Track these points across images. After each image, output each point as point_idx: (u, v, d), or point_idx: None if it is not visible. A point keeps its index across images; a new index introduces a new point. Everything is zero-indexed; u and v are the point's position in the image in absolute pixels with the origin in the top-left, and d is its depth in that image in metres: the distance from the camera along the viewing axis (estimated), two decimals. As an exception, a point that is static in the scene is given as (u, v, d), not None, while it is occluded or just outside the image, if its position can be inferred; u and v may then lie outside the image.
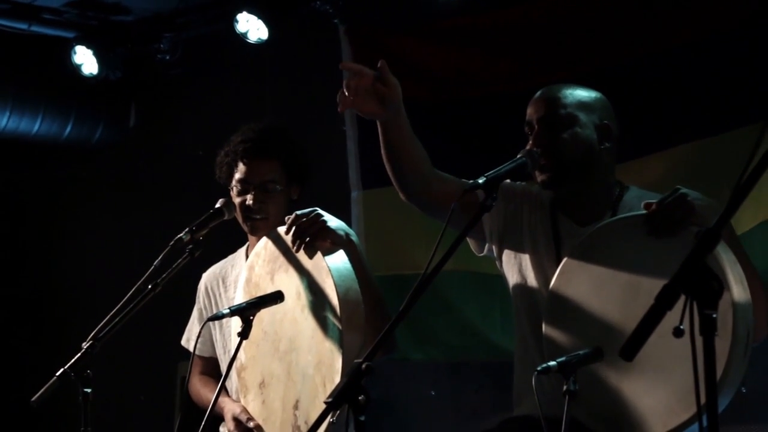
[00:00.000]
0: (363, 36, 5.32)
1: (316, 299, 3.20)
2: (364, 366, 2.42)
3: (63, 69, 6.01)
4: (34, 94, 6.17)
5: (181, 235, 3.33)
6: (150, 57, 6.12)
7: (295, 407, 3.22)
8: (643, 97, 4.43)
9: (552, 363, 2.69)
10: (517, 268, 3.20)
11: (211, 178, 3.72)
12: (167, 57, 6.07)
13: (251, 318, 3.11)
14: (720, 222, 1.96)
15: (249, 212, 3.58)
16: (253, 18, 5.50)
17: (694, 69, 4.34)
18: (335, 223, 3.29)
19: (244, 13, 5.49)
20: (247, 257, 3.68)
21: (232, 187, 3.63)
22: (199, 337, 3.55)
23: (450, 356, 5.14)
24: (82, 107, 6.36)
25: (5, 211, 6.97)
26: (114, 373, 5.20)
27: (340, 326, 3.11)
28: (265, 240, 3.43)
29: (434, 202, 3.14)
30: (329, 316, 3.14)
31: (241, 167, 3.61)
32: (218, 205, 3.51)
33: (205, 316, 3.78)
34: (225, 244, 3.83)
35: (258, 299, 3.18)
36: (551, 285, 3.00)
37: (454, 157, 4.23)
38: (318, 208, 3.30)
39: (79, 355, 3.08)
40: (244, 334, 3.10)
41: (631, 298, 2.80)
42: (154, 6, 5.90)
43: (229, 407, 3.50)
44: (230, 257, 3.85)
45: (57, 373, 3.05)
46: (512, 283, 3.23)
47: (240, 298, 3.41)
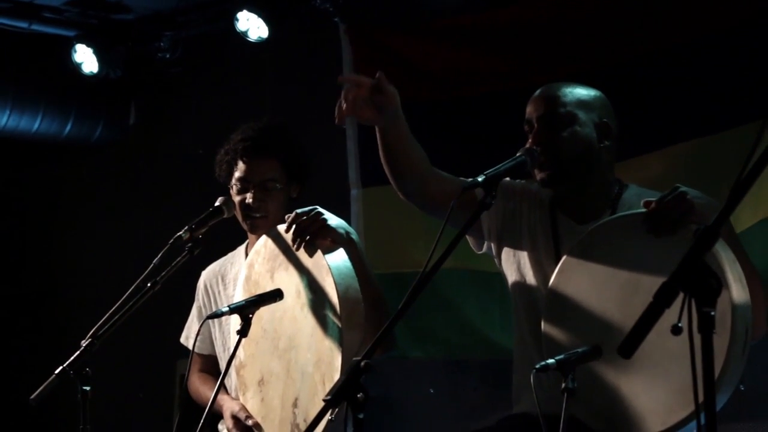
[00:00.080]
0: (363, 35, 5.32)
1: (315, 297, 3.20)
2: (362, 364, 2.42)
3: (63, 67, 6.01)
4: (35, 93, 6.17)
5: (181, 233, 3.34)
6: (150, 56, 6.12)
7: (294, 405, 3.22)
8: (643, 96, 4.43)
9: (551, 361, 2.68)
10: (516, 266, 3.20)
11: (210, 176, 3.72)
12: (167, 56, 6.07)
13: (250, 316, 3.11)
14: (719, 220, 1.96)
15: (249, 211, 3.58)
16: (254, 17, 5.50)
17: (693, 67, 4.34)
18: (335, 222, 3.29)
19: (245, 11, 5.49)
20: (246, 255, 3.68)
21: (232, 186, 3.63)
22: (198, 335, 3.55)
23: (449, 354, 5.14)
24: (82, 106, 6.36)
25: (5, 209, 6.96)
26: (113, 371, 5.20)
27: (340, 324, 3.11)
28: (265, 238, 3.42)
29: (433, 200, 3.14)
30: (329, 314, 3.14)
31: (241, 166, 3.61)
32: (217, 204, 3.51)
33: (204, 314, 3.78)
34: (224, 242, 3.83)
35: (257, 297, 3.18)
36: (550, 283, 3.00)
37: (453, 155, 4.23)
38: (318, 207, 3.30)
39: (78, 353, 3.08)
40: (243, 332, 3.10)
41: (630, 296, 2.80)
42: (154, 5, 5.90)
43: (228, 405, 3.50)
44: (230, 255, 3.85)
45: (56, 371, 3.06)
46: (511, 281, 3.23)
47: (239, 296, 3.40)
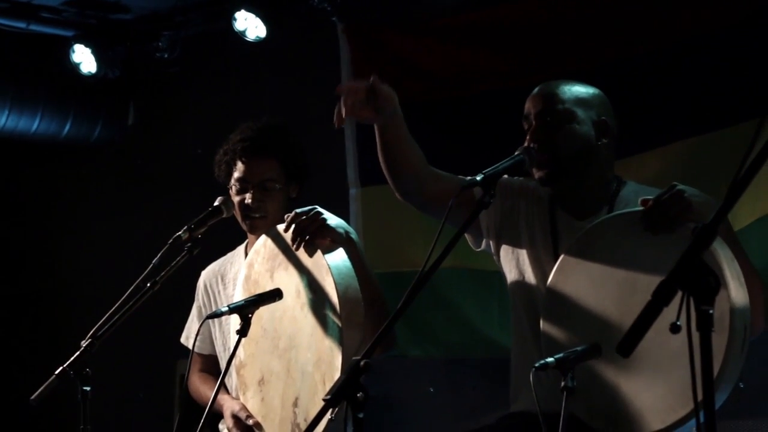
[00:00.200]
0: (361, 34, 5.32)
1: (315, 297, 3.20)
2: (362, 363, 2.42)
3: (62, 67, 6.00)
4: (33, 93, 6.16)
5: (180, 233, 3.34)
6: (148, 55, 6.11)
7: (295, 404, 3.22)
8: (641, 94, 4.42)
9: (550, 359, 2.69)
10: (514, 263, 3.21)
11: (209, 176, 3.73)
12: (166, 55, 6.07)
13: (250, 316, 3.11)
14: (717, 218, 1.96)
15: (248, 211, 3.59)
16: (252, 16, 5.50)
17: (691, 66, 4.34)
18: (335, 221, 3.30)
19: (243, 11, 5.49)
20: (246, 255, 3.68)
21: (231, 186, 3.64)
22: (198, 335, 3.55)
23: (448, 353, 5.14)
24: (80, 106, 6.35)
25: (4, 209, 6.96)
26: (113, 371, 5.20)
27: (340, 324, 3.11)
28: (264, 237, 3.42)
29: (431, 200, 3.15)
30: (329, 313, 3.14)
31: (240, 166, 3.61)
32: (217, 203, 3.51)
33: (204, 314, 3.78)
34: (224, 242, 3.84)
35: (256, 297, 3.18)
36: (549, 282, 3.00)
37: (452, 154, 4.24)
38: (317, 206, 3.30)
39: (78, 353, 3.08)
40: (242, 332, 3.10)
41: (629, 294, 2.80)
42: (152, 4, 5.90)
43: (228, 404, 3.50)
44: (229, 255, 3.85)
45: (56, 372, 3.06)
46: (510, 278, 3.23)
47: (239, 296, 3.41)
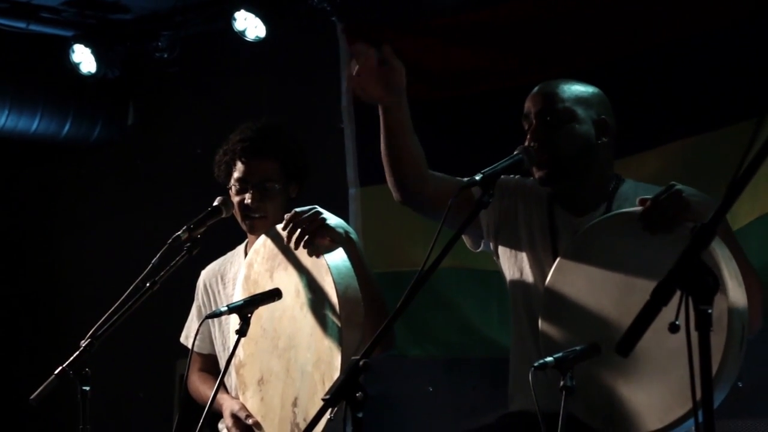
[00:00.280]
0: (361, 34, 5.30)
1: (315, 297, 3.20)
2: (361, 363, 2.42)
3: (61, 67, 6.00)
4: (33, 93, 6.16)
5: (179, 233, 3.34)
6: (148, 55, 6.11)
7: (294, 404, 3.22)
8: (641, 93, 4.42)
9: (549, 359, 2.69)
10: (513, 262, 3.21)
11: (209, 176, 3.73)
12: (165, 55, 6.06)
13: (249, 315, 3.11)
14: (716, 217, 1.96)
15: (248, 211, 3.59)
16: (251, 16, 5.50)
17: (690, 65, 4.34)
18: (334, 221, 3.29)
19: (242, 11, 5.49)
20: (245, 255, 3.68)
21: (231, 186, 3.64)
22: (197, 334, 3.56)
23: (448, 353, 5.14)
24: (80, 106, 6.35)
25: (4, 209, 6.96)
26: (113, 371, 5.20)
27: (339, 324, 3.11)
28: (264, 237, 3.42)
29: (430, 202, 3.14)
30: (328, 313, 3.14)
31: (240, 166, 3.61)
32: (216, 203, 3.51)
33: (203, 313, 3.78)
34: (224, 242, 3.84)
35: (255, 297, 3.18)
36: (547, 281, 3.01)
37: (453, 154, 4.23)
38: (317, 206, 3.30)
39: (77, 353, 3.07)
40: (242, 332, 3.10)
41: (627, 294, 2.80)
42: (152, 4, 5.90)
43: (227, 404, 3.50)
44: (229, 254, 3.85)
45: (56, 372, 3.05)
46: (509, 277, 3.23)
47: (239, 296, 3.41)
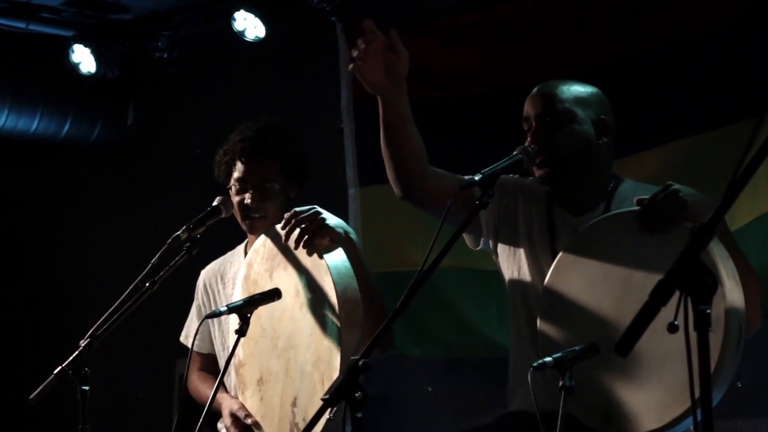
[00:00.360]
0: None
1: (314, 297, 3.21)
2: (361, 363, 2.42)
3: (61, 67, 6.00)
4: (33, 93, 6.16)
5: (179, 233, 3.34)
6: (148, 55, 6.11)
7: (293, 404, 3.22)
8: (640, 93, 4.42)
9: (548, 359, 2.69)
10: (512, 261, 3.21)
11: (209, 176, 3.73)
12: (165, 55, 6.06)
13: (249, 315, 3.11)
14: (715, 218, 1.97)
15: (247, 211, 3.59)
16: (251, 16, 5.50)
17: (689, 65, 4.34)
18: (334, 221, 3.30)
19: (242, 11, 5.49)
20: (245, 254, 3.69)
21: (231, 186, 3.64)
22: (197, 334, 3.56)
23: (447, 352, 5.14)
24: (80, 106, 6.35)
25: (3, 209, 6.96)
26: (112, 370, 5.21)
27: (339, 324, 3.11)
28: (263, 237, 3.42)
29: (430, 198, 3.14)
30: (328, 313, 3.14)
31: (240, 166, 3.61)
32: (215, 203, 3.51)
33: (203, 313, 3.79)
34: (224, 242, 3.84)
35: (255, 297, 3.18)
36: (546, 281, 3.01)
37: (453, 154, 4.23)
38: (317, 206, 3.30)
39: (77, 353, 3.07)
40: (241, 332, 3.10)
41: (626, 293, 2.81)
42: (152, 4, 5.90)
43: (227, 404, 3.51)
44: (229, 254, 3.86)
45: (55, 371, 3.05)
46: (508, 276, 3.24)
47: (238, 295, 3.41)
